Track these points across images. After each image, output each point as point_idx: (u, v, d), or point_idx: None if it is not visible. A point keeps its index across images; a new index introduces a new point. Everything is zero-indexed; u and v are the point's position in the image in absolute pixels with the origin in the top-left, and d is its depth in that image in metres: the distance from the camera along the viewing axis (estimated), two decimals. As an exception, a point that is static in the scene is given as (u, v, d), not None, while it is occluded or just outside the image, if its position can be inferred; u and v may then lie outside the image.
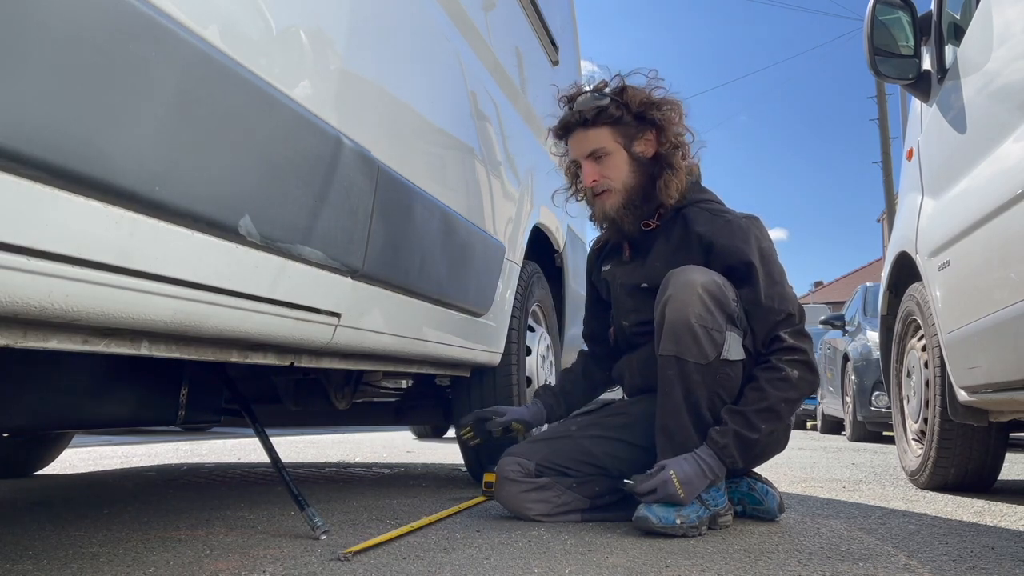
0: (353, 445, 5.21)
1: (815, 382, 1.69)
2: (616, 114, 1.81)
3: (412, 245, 1.58)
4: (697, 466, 1.59)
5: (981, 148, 1.93)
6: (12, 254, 0.74)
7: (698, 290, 1.62)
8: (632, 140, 1.82)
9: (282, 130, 1.10)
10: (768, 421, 1.63)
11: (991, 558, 1.40)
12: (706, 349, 1.61)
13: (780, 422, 1.67)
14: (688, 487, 1.56)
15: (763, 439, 1.63)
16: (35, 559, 1.32)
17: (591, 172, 1.84)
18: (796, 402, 1.67)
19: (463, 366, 2.21)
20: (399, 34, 1.58)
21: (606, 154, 1.82)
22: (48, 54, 0.72)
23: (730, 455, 1.60)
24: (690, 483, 1.57)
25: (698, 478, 1.58)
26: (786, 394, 1.64)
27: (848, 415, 6.80)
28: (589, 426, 1.86)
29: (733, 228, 1.75)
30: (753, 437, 1.61)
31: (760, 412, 1.62)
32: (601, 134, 1.82)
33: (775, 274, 1.73)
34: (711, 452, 1.61)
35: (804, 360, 1.67)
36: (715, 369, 1.63)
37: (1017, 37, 1.78)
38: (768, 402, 1.63)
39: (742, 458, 1.62)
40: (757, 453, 1.72)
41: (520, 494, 1.75)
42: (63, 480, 2.72)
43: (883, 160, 16.02)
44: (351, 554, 1.33)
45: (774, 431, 1.67)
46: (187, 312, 0.99)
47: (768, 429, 1.63)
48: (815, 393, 1.67)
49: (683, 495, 1.56)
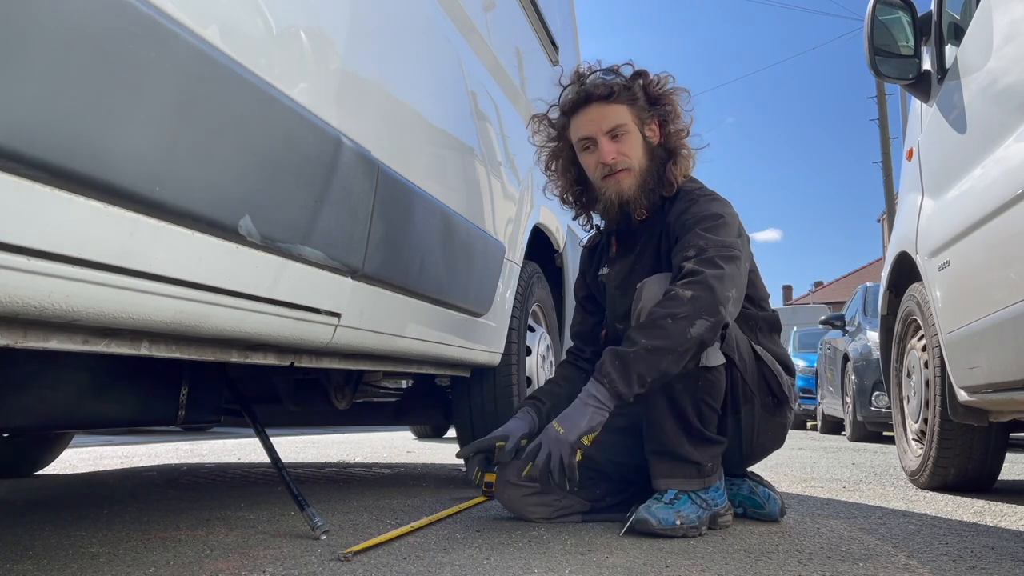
0: (353, 445, 5.21)
1: (711, 301, 1.54)
2: (637, 94, 1.80)
3: (412, 245, 1.58)
4: (578, 401, 1.56)
5: (981, 148, 1.93)
6: (12, 254, 0.74)
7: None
8: (644, 124, 1.81)
9: (282, 130, 1.10)
10: (649, 336, 1.52)
11: (991, 558, 1.40)
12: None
13: (668, 339, 1.52)
14: (567, 421, 1.55)
15: (644, 355, 1.51)
16: (35, 559, 1.32)
17: (609, 149, 1.77)
18: (689, 320, 1.52)
19: (463, 366, 2.21)
20: (399, 34, 1.57)
21: (625, 133, 1.78)
22: (48, 54, 0.72)
23: (606, 373, 1.52)
24: (568, 418, 1.55)
25: (576, 411, 1.55)
26: (671, 310, 1.54)
27: (848, 415, 6.79)
28: None
29: (699, 202, 1.75)
30: (628, 351, 1.52)
31: (641, 328, 1.56)
32: (622, 111, 1.78)
33: (709, 219, 1.68)
34: (592, 378, 1.56)
35: (699, 281, 1.56)
36: (696, 377, 1.61)
37: (1017, 37, 1.78)
38: (651, 317, 1.56)
39: (621, 376, 1.51)
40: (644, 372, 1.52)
41: (522, 498, 1.74)
42: (63, 480, 2.72)
43: (883, 160, 16.02)
44: (351, 554, 1.33)
45: (662, 350, 1.51)
46: (187, 312, 0.99)
47: (650, 344, 1.51)
48: (712, 314, 1.54)
49: (563, 431, 1.54)
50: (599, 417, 1.53)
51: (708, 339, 1.56)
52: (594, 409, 1.53)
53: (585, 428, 1.53)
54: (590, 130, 1.79)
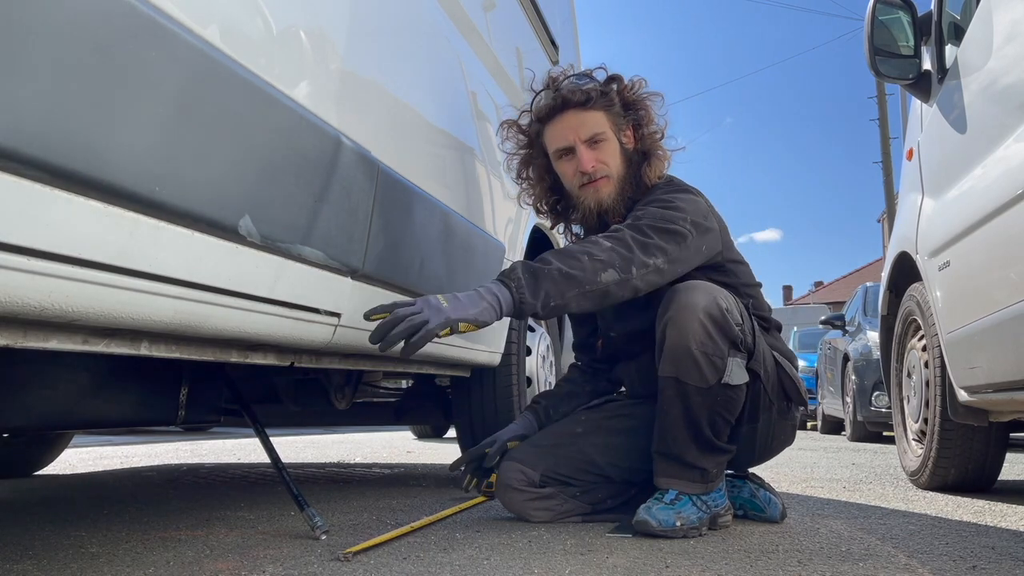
0: (353, 445, 5.21)
1: (626, 257, 1.55)
2: (613, 100, 1.78)
3: (412, 245, 1.58)
4: (474, 292, 1.48)
5: (981, 148, 1.93)
6: (12, 254, 0.73)
7: (699, 315, 1.57)
8: (620, 130, 1.80)
9: (282, 130, 1.10)
10: (564, 263, 1.52)
11: (991, 558, 1.40)
12: (707, 374, 1.58)
13: (581, 271, 1.52)
14: (455, 300, 1.43)
15: (557, 276, 1.50)
16: (35, 559, 1.32)
17: (588, 157, 1.74)
18: (603, 265, 1.53)
19: (463, 366, 2.21)
20: (399, 34, 1.58)
21: (603, 140, 1.76)
22: (48, 54, 0.72)
23: (515, 278, 1.49)
24: (456, 299, 1.44)
25: (469, 298, 1.46)
26: (591, 250, 1.55)
27: (848, 415, 6.79)
28: (594, 430, 1.82)
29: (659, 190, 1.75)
30: (541, 268, 1.51)
31: (556, 255, 1.55)
32: (599, 118, 1.77)
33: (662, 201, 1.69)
34: (496, 279, 1.52)
35: (618, 237, 1.58)
36: (716, 392, 1.60)
37: (1018, 37, 1.78)
38: (566, 250, 1.57)
39: (530, 286, 1.49)
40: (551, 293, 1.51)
41: (523, 502, 1.74)
42: (63, 480, 2.72)
43: (883, 160, 16.03)
44: (351, 554, 1.33)
45: (573, 279, 1.51)
46: (187, 312, 0.99)
47: (564, 269, 1.51)
48: (623, 271, 1.55)
49: (446, 305, 1.42)
50: (488, 315, 1.45)
51: (614, 292, 1.56)
52: (488, 306, 1.46)
53: (470, 316, 1.42)
54: (568, 138, 1.77)
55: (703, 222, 1.70)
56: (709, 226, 1.71)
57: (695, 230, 1.66)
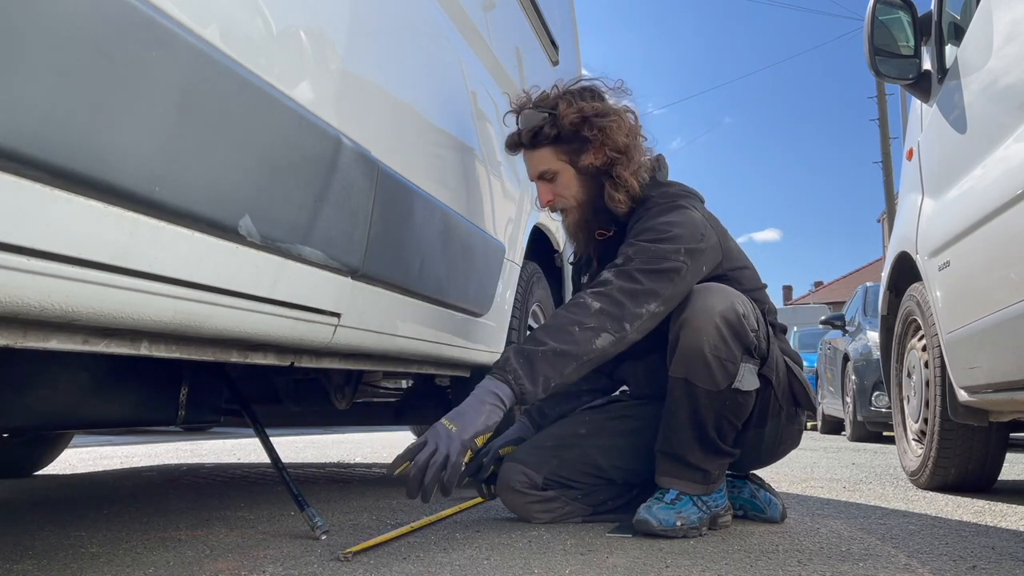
0: (353, 445, 5.21)
1: (617, 315, 1.54)
2: (552, 133, 1.75)
3: (412, 245, 1.58)
4: (473, 398, 1.45)
5: (981, 148, 1.93)
6: (12, 254, 0.73)
7: (716, 319, 1.57)
8: (578, 154, 1.76)
9: (282, 130, 1.10)
10: (557, 340, 1.51)
11: (991, 558, 1.40)
12: (718, 378, 1.58)
13: (575, 345, 1.50)
14: (460, 418, 1.41)
15: (552, 357, 1.48)
16: (35, 559, 1.32)
17: (545, 192, 1.81)
18: (595, 331, 1.52)
19: (463, 366, 2.21)
20: (399, 34, 1.57)
21: (555, 174, 1.78)
22: (48, 54, 0.72)
23: (511, 369, 1.47)
24: (461, 415, 1.42)
25: (471, 407, 1.43)
26: (580, 318, 1.53)
27: (848, 415, 6.79)
28: (597, 432, 1.82)
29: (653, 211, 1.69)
30: (536, 350, 1.49)
31: (546, 330, 1.54)
32: (544, 155, 1.78)
33: (654, 230, 1.64)
34: (491, 375, 1.49)
35: (607, 293, 1.56)
36: (725, 397, 1.59)
37: (1018, 37, 1.77)
38: (556, 322, 1.54)
39: (528, 375, 1.47)
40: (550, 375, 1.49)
41: (525, 504, 1.74)
42: (63, 480, 2.72)
43: (883, 160, 16.03)
44: (351, 554, 1.33)
45: (568, 355, 1.50)
46: (187, 312, 0.99)
47: (557, 347, 1.49)
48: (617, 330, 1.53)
49: (455, 429, 1.40)
50: (495, 416, 1.43)
51: (612, 351, 1.55)
52: (491, 407, 1.43)
53: (480, 428, 1.41)
54: (530, 173, 1.85)
55: (699, 244, 1.65)
56: (706, 245, 1.67)
57: (690, 259, 1.62)
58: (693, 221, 1.68)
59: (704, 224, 1.70)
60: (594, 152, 1.75)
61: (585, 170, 1.77)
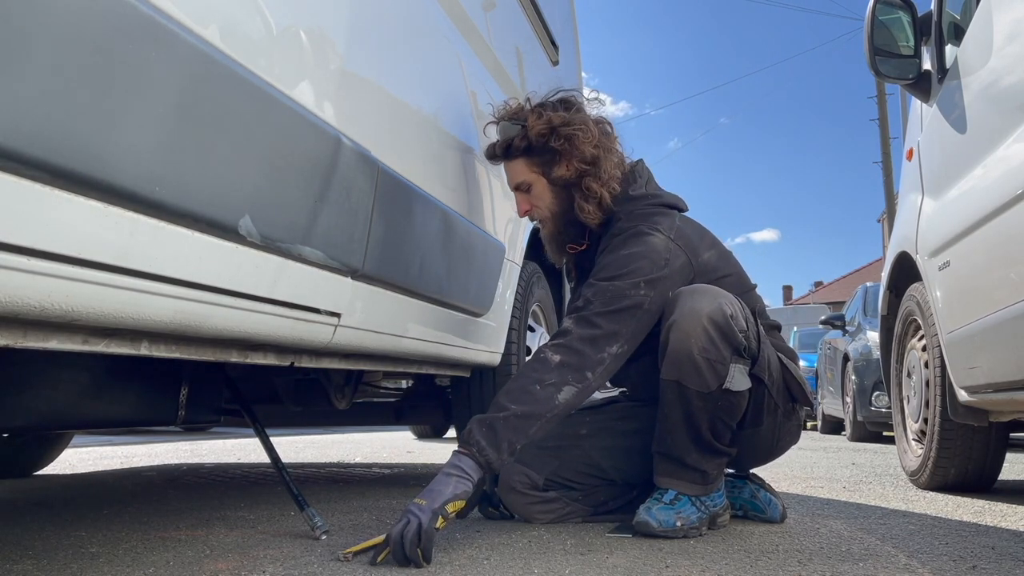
0: (353, 445, 5.21)
1: (579, 366, 1.53)
2: (523, 144, 1.76)
3: (412, 245, 1.58)
4: (441, 474, 1.43)
5: (981, 148, 1.93)
6: (12, 254, 0.73)
7: (703, 321, 1.57)
8: (551, 166, 1.77)
9: (282, 130, 1.10)
10: (518, 402, 1.48)
11: (991, 558, 1.40)
12: (708, 379, 1.58)
13: (536, 406, 1.48)
14: (429, 493, 1.39)
15: (515, 421, 1.46)
16: (35, 559, 1.32)
17: (522, 203, 1.84)
18: (557, 387, 1.50)
19: (463, 366, 2.21)
20: (399, 34, 1.57)
21: (529, 185, 1.80)
22: (48, 54, 0.72)
23: (474, 442, 1.44)
24: (430, 491, 1.39)
25: (439, 483, 1.41)
26: (541, 375, 1.51)
27: (848, 415, 6.79)
28: (599, 432, 1.82)
29: (618, 239, 1.68)
30: (497, 416, 1.46)
31: (508, 393, 1.51)
32: (518, 167, 1.80)
33: (613, 266, 1.63)
34: (456, 450, 1.47)
35: (567, 345, 1.55)
36: (717, 398, 1.60)
37: (1018, 37, 1.78)
38: (518, 383, 1.52)
39: (491, 444, 1.44)
40: (514, 439, 1.47)
41: (526, 505, 1.75)
42: (63, 480, 2.72)
43: (883, 160, 16.03)
44: (351, 554, 1.33)
45: (530, 416, 1.48)
46: (187, 312, 0.99)
47: (519, 411, 1.47)
48: (579, 380, 1.53)
49: (425, 503, 1.36)
50: (463, 486, 1.41)
51: (577, 402, 1.54)
52: (457, 479, 1.42)
53: (449, 496, 1.39)
54: (508, 184, 1.89)
55: (661, 272, 1.63)
56: (669, 271, 1.64)
57: (651, 289, 1.61)
58: (654, 248, 1.65)
59: (666, 248, 1.66)
60: (565, 164, 1.76)
61: (557, 181, 1.78)
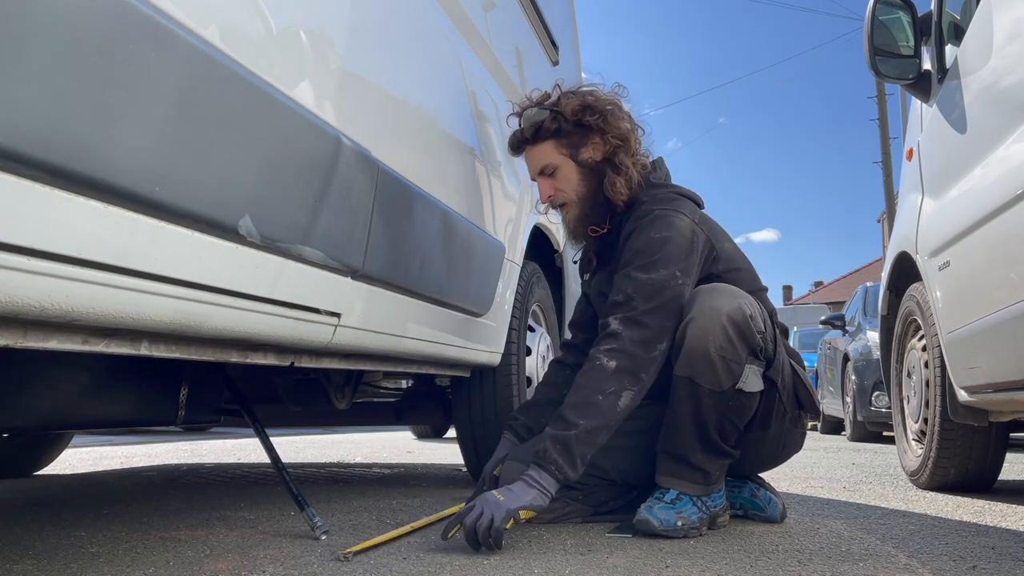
0: (353, 445, 5.21)
1: (634, 370, 1.55)
2: (553, 126, 1.78)
3: (412, 245, 1.58)
4: (523, 481, 1.48)
5: (981, 148, 1.93)
6: (12, 254, 0.73)
7: (722, 320, 1.57)
8: (578, 148, 1.78)
9: (282, 130, 1.10)
10: (586, 416, 1.51)
11: (991, 558, 1.40)
12: (721, 378, 1.58)
13: (602, 418, 1.52)
14: (509, 493, 1.45)
15: (585, 436, 1.50)
16: (35, 559, 1.32)
17: (546, 188, 1.83)
18: (617, 394, 1.53)
19: (463, 366, 2.21)
20: (399, 34, 1.57)
21: (555, 168, 1.80)
22: (48, 54, 0.72)
23: (552, 460, 1.48)
24: (511, 491, 1.46)
25: (521, 488, 1.47)
26: (602, 385, 1.53)
27: (848, 415, 6.79)
28: None
29: (644, 221, 1.69)
30: (569, 434, 1.50)
31: (575, 407, 1.53)
32: (545, 150, 1.81)
33: (646, 252, 1.64)
34: (535, 464, 1.51)
35: (620, 349, 1.56)
36: (728, 397, 1.60)
37: (1018, 37, 1.77)
38: (581, 395, 1.54)
39: (568, 462, 1.49)
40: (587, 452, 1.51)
41: None
42: (63, 480, 2.72)
43: (883, 160, 16.03)
44: (351, 554, 1.33)
45: (598, 428, 1.52)
46: (187, 312, 0.99)
47: (588, 425, 1.50)
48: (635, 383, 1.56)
49: (503, 499, 1.43)
50: (541, 500, 1.47)
51: (634, 405, 1.57)
52: (538, 492, 1.47)
53: (526, 504, 1.45)
54: (530, 171, 1.88)
55: (690, 257, 1.66)
56: (696, 253, 1.67)
57: (686, 277, 1.64)
58: (681, 232, 1.67)
59: (692, 232, 1.69)
60: (593, 146, 1.78)
61: (585, 163, 1.79)
